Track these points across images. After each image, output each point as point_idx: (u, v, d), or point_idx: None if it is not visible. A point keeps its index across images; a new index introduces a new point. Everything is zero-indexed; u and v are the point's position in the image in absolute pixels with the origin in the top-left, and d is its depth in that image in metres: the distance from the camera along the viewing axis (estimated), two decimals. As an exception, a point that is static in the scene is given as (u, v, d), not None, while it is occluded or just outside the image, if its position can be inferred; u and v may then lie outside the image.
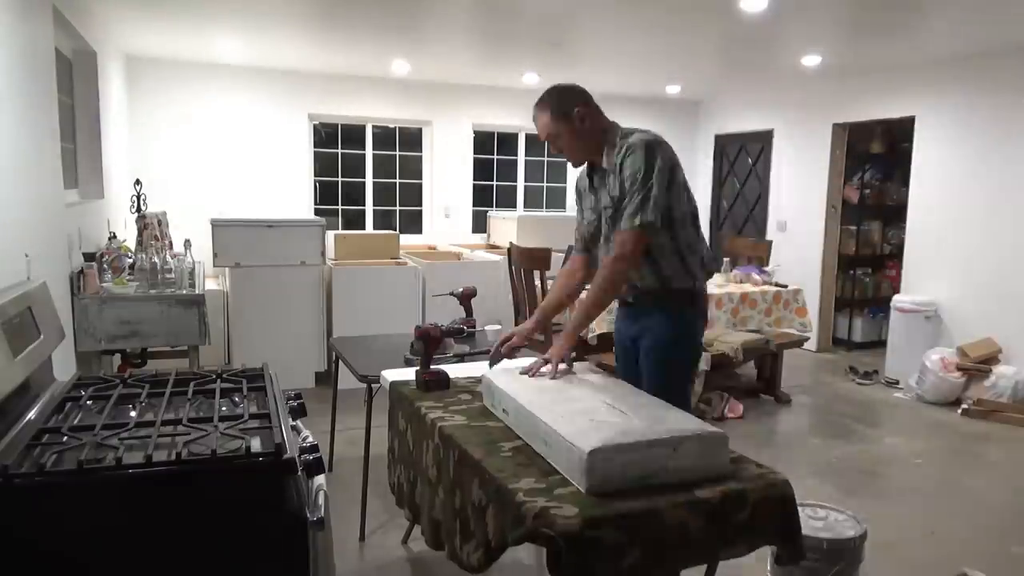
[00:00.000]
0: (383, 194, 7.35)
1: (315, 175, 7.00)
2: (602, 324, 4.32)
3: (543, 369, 2.19)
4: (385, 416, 2.54)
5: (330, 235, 5.55)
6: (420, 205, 7.48)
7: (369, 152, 7.19)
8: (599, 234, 2.43)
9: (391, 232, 6.12)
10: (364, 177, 7.23)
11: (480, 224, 7.50)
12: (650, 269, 2.31)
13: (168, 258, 4.00)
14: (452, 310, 3.70)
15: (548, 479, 1.68)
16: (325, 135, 7.08)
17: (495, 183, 7.81)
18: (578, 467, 1.60)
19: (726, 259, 5.62)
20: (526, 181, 7.95)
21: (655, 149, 2.23)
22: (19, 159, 2.72)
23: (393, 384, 2.49)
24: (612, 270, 2.26)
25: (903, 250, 6.10)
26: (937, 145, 5.73)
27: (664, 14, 4.37)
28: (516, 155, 7.87)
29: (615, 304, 2.57)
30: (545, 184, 8.07)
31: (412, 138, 7.39)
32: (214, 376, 2.07)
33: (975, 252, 5.47)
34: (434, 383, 2.34)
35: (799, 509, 1.78)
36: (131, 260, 4.07)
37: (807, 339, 5.52)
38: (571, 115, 2.38)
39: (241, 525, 1.47)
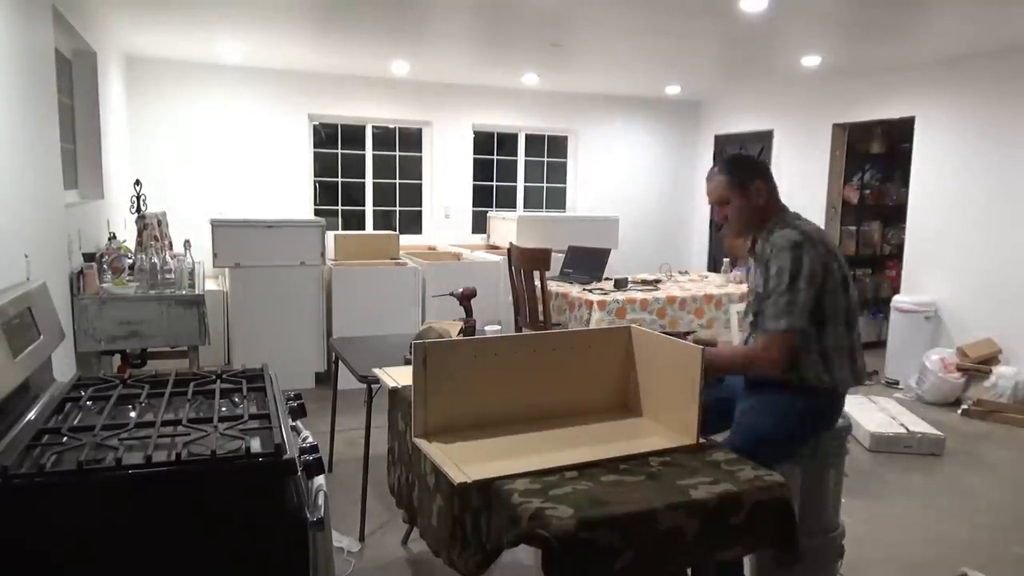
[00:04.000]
0: (383, 194, 7.35)
1: (315, 175, 7.01)
2: (602, 323, 4.32)
3: None
4: (385, 416, 2.54)
5: (330, 235, 5.55)
6: (420, 205, 7.48)
7: (369, 152, 7.20)
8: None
9: (391, 232, 6.12)
10: (364, 177, 7.23)
11: (480, 224, 7.50)
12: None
13: (168, 258, 4.00)
14: (452, 310, 3.70)
15: (543, 480, 1.68)
16: (325, 135, 7.08)
17: (495, 183, 7.82)
18: None
19: (726, 259, 5.63)
20: (526, 181, 7.96)
21: (803, 251, 2.18)
22: (19, 159, 2.72)
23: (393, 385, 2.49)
24: (755, 365, 2.23)
25: (903, 250, 6.10)
26: (937, 145, 5.73)
27: (664, 15, 4.37)
28: (516, 155, 7.87)
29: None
30: (545, 184, 8.08)
31: (412, 138, 7.40)
32: (214, 376, 2.07)
33: (975, 252, 5.47)
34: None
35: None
36: (131, 260, 4.07)
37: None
38: (748, 187, 2.32)
39: (241, 525, 1.47)
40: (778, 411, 2.23)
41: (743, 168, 2.36)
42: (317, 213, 6.94)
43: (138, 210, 4.90)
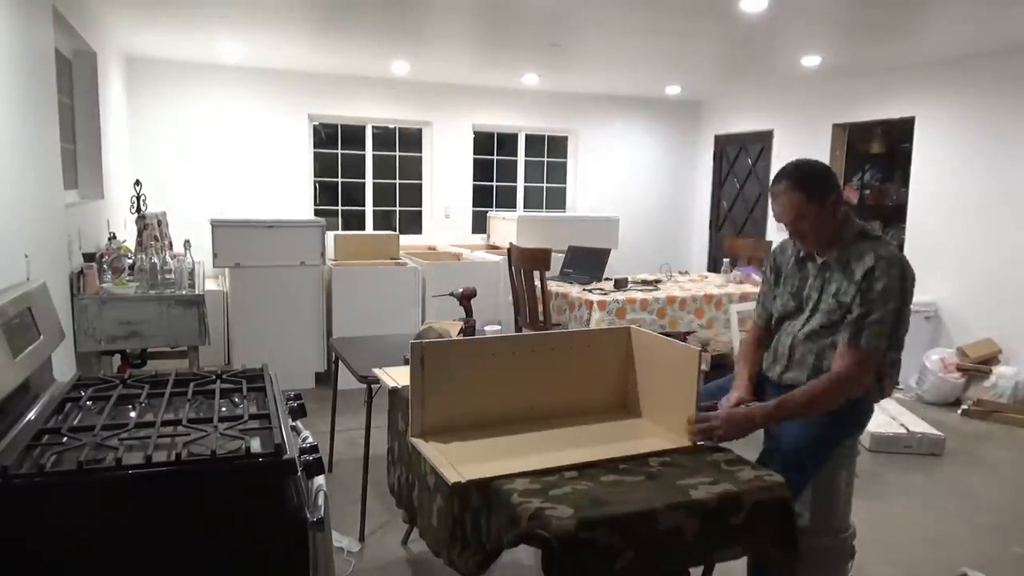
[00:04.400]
0: (383, 194, 7.35)
1: (315, 175, 7.01)
2: (602, 324, 4.32)
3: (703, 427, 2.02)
4: (385, 416, 2.54)
5: (330, 235, 5.55)
6: (420, 206, 7.48)
7: (369, 152, 7.20)
8: (787, 318, 2.36)
9: (391, 232, 6.12)
10: (364, 177, 7.23)
11: (480, 224, 7.50)
12: None
13: (168, 258, 4.00)
14: (452, 310, 3.70)
15: (543, 480, 1.68)
16: (325, 135, 7.08)
17: (495, 183, 7.82)
18: None
19: (726, 260, 5.63)
20: (526, 181, 7.96)
21: (908, 272, 2.14)
22: (19, 159, 2.72)
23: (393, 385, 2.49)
24: (839, 388, 2.13)
25: (903, 250, 6.09)
26: (937, 145, 5.73)
27: (664, 15, 4.37)
28: (516, 155, 7.88)
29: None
30: (545, 184, 8.08)
31: (412, 138, 7.40)
32: (214, 377, 2.07)
33: (975, 252, 5.47)
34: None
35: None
36: (131, 260, 4.06)
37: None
38: (826, 200, 2.20)
39: (241, 525, 1.47)
40: (824, 423, 2.18)
41: (818, 181, 2.23)
42: (317, 213, 6.95)
43: (138, 210, 4.90)
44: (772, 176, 2.34)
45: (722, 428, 1.99)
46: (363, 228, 7.20)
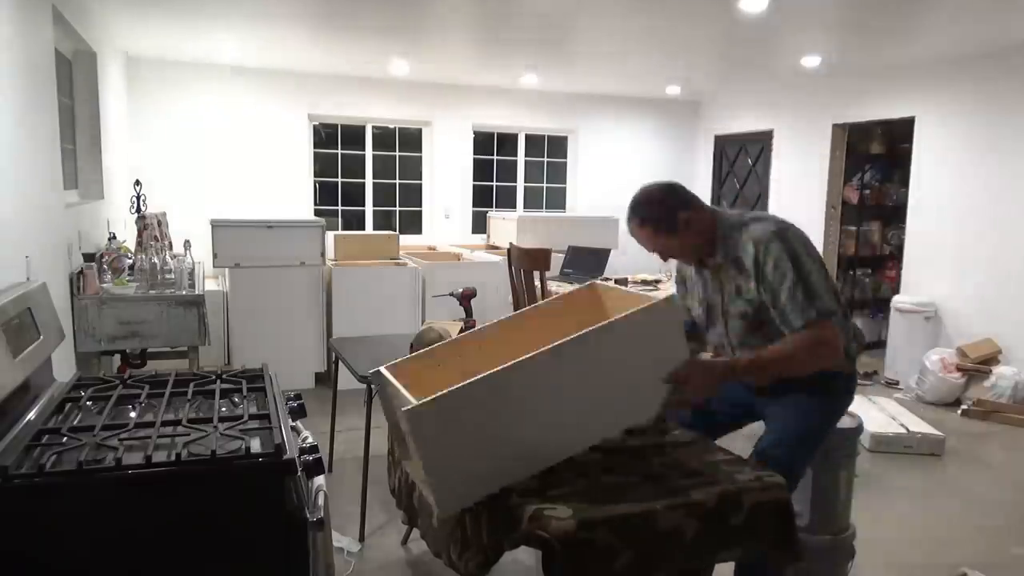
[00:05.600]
0: (383, 194, 7.35)
1: (315, 175, 7.01)
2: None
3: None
4: (384, 416, 2.54)
5: (330, 236, 5.55)
6: (420, 206, 7.48)
7: (369, 152, 7.20)
8: (709, 325, 2.30)
9: (391, 233, 6.12)
10: (364, 177, 7.23)
11: (480, 224, 7.50)
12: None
13: (168, 259, 4.00)
14: (452, 311, 3.70)
15: (542, 480, 1.68)
16: (325, 135, 7.08)
17: (495, 183, 7.82)
18: None
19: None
20: (526, 181, 7.95)
21: (789, 235, 2.07)
22: (19, 160, 2.72)
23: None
24: (814, 355, 2.01)
25: (903, 250, 6.10)
26: (937, 145, 5.73)
27: (664, 15, 4.37)
28: (516, 155, 7.87)
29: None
30: (545, 184, 8.08)
31: (412, 138, 7.40)
32: (214, 377, 2.07)
33: (975, 252, 5.47)
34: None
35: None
36: (131, 261, 4.07)
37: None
38: (675, 225, 2.12)
39: (241, 525, 1.47)
40: (819, 403, 2.15)
41: (659, 210, 2.14)
42: (317, 213, 6.94)
43: (138, 210, 4.90)
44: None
45: (694, 383, 1.84)
46: (363, 228, 7.20)
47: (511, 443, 1.64)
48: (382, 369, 1.82)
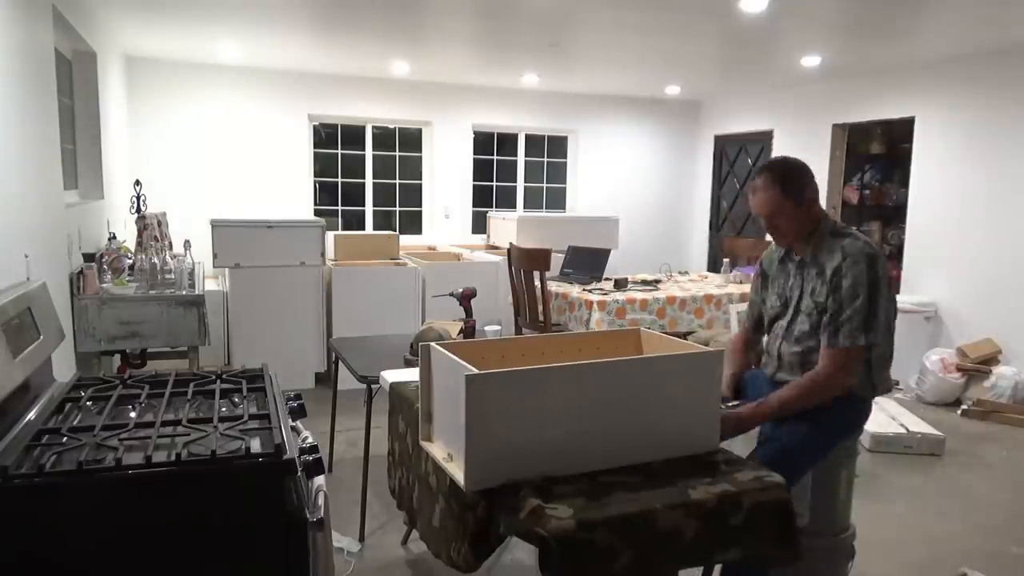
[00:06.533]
0: (383, 195, 7.35)
1: (315, 175, 7.01)
2: (601, 324, 4.32)
3: None
4: (385, 417, 2.54)
5: (330, 236, 5.55)
6: (420, 206, 7.48)
7: (369, 153, 7.20)
8: (778, 317, 2.38)
9: (391, 233, 6.12)
10: (364, 178, 7.23)
11: (480, 225, 7.50)
12: None
13: (168, 259, 4.00)
14: (452, 311, 3.70)
15: (543, 479, 1.68)
16: (325, 135, 7.08)
17: (495, 184, 7.82)
18: None
19: (726, 260, 5.63)
20: (526, 182, 7.96)
21: (878, 263, 2.14)
22: (19, 160, 2.72)
23: (393, 386, 2.49)
24: (818, 388, 2.13)
25: (903, 250, 6.10)
26: (937, 145, 5.73)
27: (664, 15, 4.37)
28: (516, 156, 7.88)
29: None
30: (545, 185, 8.08)
31: (412, 138, 7.40)
32: (214, 377, 2.06)
33: (975, 252, 5.47)
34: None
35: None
36: (131, 261, 4.07)
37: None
38: (803, 198, 2.23)
39: (241, 525, 1.47)
40: (819, 421, 2.17)
41: (795, 177, 2.25)
42: (317, 213, 6.95)
43: (138, 210, 4.90)
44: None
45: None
46: (363, 228, 7.20)
47: (546, 437, 1.72)
48: (435, 345, 1.90)
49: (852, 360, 2.14)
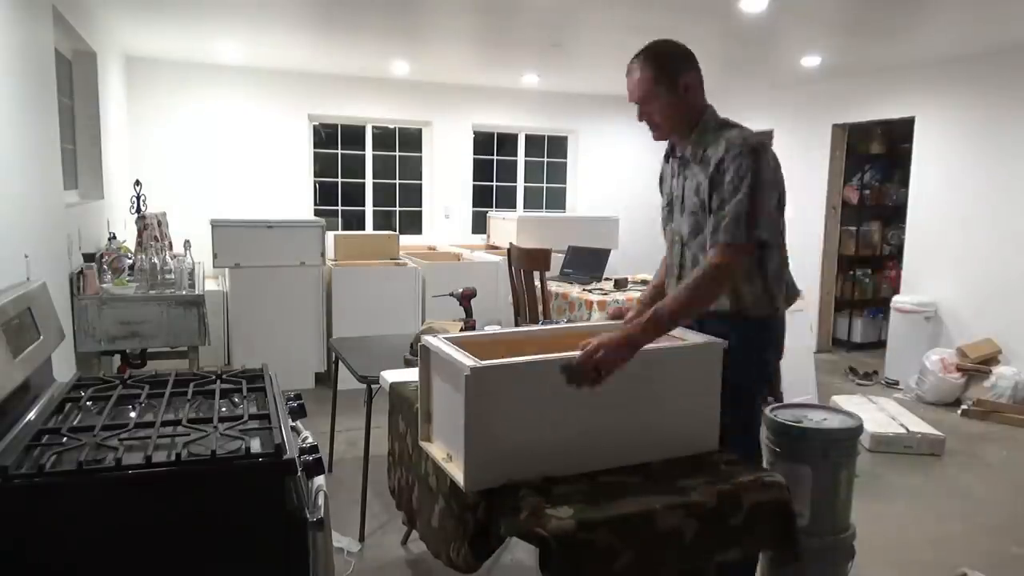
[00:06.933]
0: (383, 195, 7.35)
1: (315, 176, 7.01)
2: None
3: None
4: (385, 417, 2.54)
5: (330, 236, 5.55)
6: (420, 206, 7.48)
7: (369, 153, 7.20)
8: (670, 219, 2.24)
9: (391, 233, 6.12)
10: (364, 178, 7.23)
11: (480, 225, 7.50)
12: (728, 292, 2.01)
13: (168, 259, 4.00)
14: (452, 311, 3.70)
15: (543, 480, 1.68)
16: (325, 135, 7.08)
17: (495, 184, 7.82)
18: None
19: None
20: (526, 182, 7.96)
21: (764, 156, 1.96)
22: (19, 160, 2.72)
23: (393, 386, 2.49)
24: (708, 281, 1.92)
25: (903, 250, 6.10)
26: (937, 145, 5.73)
27: (664, 15, 4.37)
28: (516, 156, 7.88)
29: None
30: (545, 185, 8.08)
31: (412, 138, 7.40)
32: (214, 377, 2.06)
33: (975, 252, 5.47)
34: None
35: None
36: (131, 261, 4.07)
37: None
38: (676, 82, 2.04)
39: (241, 525, 1.47)
40: (734, 350, 1.95)
41: (670, 60, 2.06)
42: (317, 213, 6.95)
43: (138, 210, 4.90)
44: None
45: (600, 351, 1.73)
46: (363, 228, 7.20)
47: (546, 436, 1.71)
48: (428, 338, 1.86)
49: (738, 256, 1.93)
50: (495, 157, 7.79)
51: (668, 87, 2.04)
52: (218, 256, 4.87)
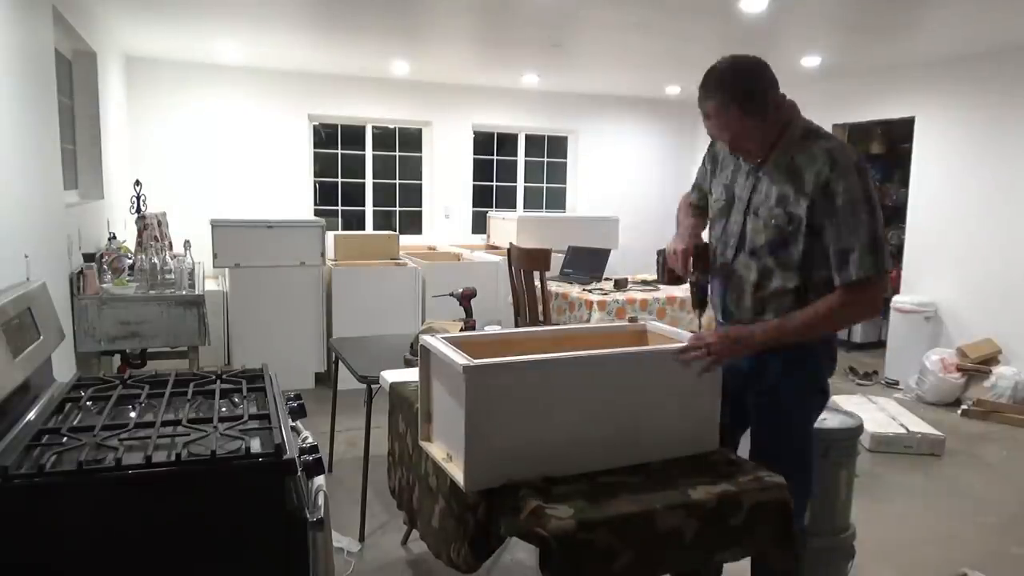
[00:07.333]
0: (383, 195, 7.35)
1: (315, 176, 7.01)
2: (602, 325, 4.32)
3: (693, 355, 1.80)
4: (385, 417, 2.54)
5: (330, 236, 5.55)
6: (420, 206, 7.48)
7: (369, 153, 7.20)
8: (721, 216, 2.06)
9: (391, 233, 6.12)
10: (364, 178, 7.23)
11: (480, 225, 7.50)
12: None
13: (168, 259, 4.00)
14: (452, 311, 3.70)
15: (543, 480, 1.68)
16: (325, 135, 7.08)
17: (495, 184, 7.82)
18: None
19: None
20: (526, 182, 7.96)
21: (866, 174, 1.81)
22: (19, 160, 2.72)
23: (393, 386, 2.49)
24: (847, 316, 1.87)
25: (903, 250, 6.10)
26: (937, 145, 5.73)
27: (664, 15, 4.37)
28: (516, 156, 7.88)
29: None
30: (545, 184, 8.08)
31: (412, 138, 7.40)
32: (214, 377, 2.06)
33: (975, 252, 5.47)
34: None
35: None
36: (131, 261, 4.07)
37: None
38: (766, 107, 1.87)
39: (241, 525, 1.47)
40: (817, 374, 1.95)
41: (755, 89, 1.87)
42: (317, 213, 6.95)
43: (138, 210, 4.90)
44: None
45: (717, 345, 1.77)
46: (363, 228, 7.20)
47: (546, 436, 1.71)
48: (427, 338, 1.86)
49: (876, 286, 1.80)
50: (495, 157, 7.79)
51: (761, 117, 1.88)
52: (218, 256, 4.87)
